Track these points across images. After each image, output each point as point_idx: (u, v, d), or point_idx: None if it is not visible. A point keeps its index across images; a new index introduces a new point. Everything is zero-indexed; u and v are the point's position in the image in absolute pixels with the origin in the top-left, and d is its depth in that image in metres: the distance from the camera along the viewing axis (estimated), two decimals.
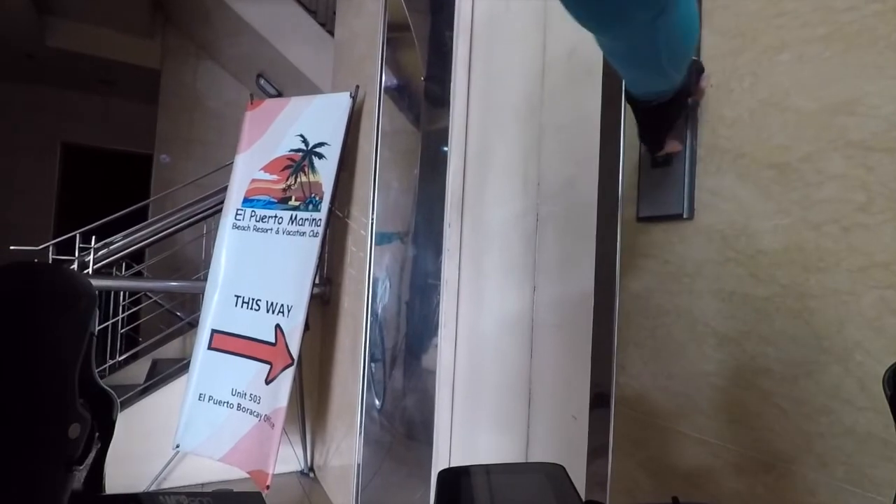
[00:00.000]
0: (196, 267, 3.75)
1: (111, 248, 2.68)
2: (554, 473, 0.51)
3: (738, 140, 0.71)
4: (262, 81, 4.43)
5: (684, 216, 0.76)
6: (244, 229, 2.30)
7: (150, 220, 3.03)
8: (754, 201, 0.68)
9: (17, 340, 0.36)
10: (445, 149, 1.63)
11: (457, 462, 1.57)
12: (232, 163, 2.43)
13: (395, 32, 2.18)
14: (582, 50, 1.18)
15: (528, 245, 1.34)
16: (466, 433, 1.54)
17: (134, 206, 3.09)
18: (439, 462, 1.59)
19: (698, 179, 0.75)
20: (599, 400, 0.94)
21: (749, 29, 0.70)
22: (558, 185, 1.24)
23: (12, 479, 0.35)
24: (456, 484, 0.49)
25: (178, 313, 3.57)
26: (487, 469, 0.62)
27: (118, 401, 0.44)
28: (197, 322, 2.35)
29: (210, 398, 2.18)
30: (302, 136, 2.30)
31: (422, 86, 2.10)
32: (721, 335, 0.71)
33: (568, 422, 1.17)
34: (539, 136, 1.32)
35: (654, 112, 0.66)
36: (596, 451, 0.95)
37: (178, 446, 2.14)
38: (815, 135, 0.62)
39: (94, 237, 2.59)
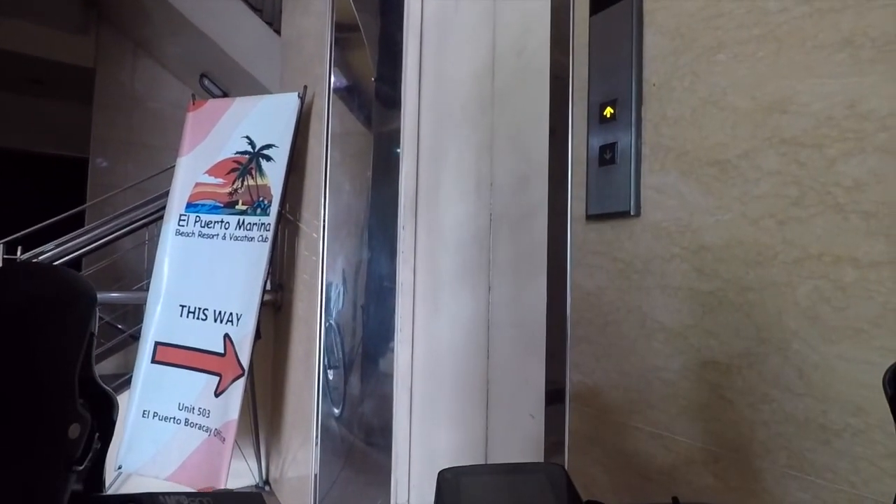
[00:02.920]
0: (138, 276, 3.55)
1: (42, 258, 2.49)
2: (554, 474, 0.51)
3: (680, 138, 0.72)
4: (206, 82, 4.26)
5: (631, 213, 0.77)
6: (188, 235, 2.19)
7: (86, 227, 2.84)
8: (697, 198, 0.69)
9: (17, 341, 0.36)
10: (398, 150, 1.60)
11: (416, 467, 1.55)
12: (174, 166, 2.32)
13: (344, 32, 2.14)
14: (531, 49, 1.18)
15: (483, 245, 1.34)
16: (425, 436, 1.53)
17: (68, 213, 2.89)
18: (398, 467, 1.57)
19: (643, 177, 0.77)
20: (554, 398, 0.94)
21: (688, 29, 0.72)
22: (511, 185, 1.24)
23: (13, 479, 0.35)
24: (456, 484, 0.49)
25: (120, 325, 3.37)
26: (488, 469, 0.60)
27: (118, 401, 0.44)
28: (139, 334, 2.22)
29: (155, 414, 2.06)
30: (248, 137, 2.21)
31: (372, 86, 2.06)
32: (669, 330, 0.72)
33: (525, 420, 1.18)
34: (491, 135, 1.33)
35: None
36: (552, 448, 0.95)
37: (120, 467, 2.01)
38: (751, 132, 0.64)
39: (20, 247, 2.41)
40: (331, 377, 2.09)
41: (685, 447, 0.69)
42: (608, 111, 0.81)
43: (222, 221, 2.15)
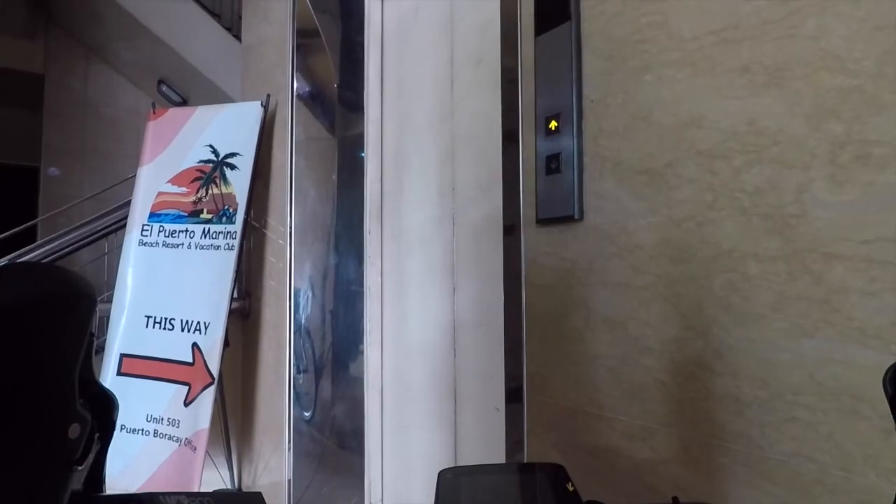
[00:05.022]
0: (98, 288, 3.46)
1: None
2: (554, 473, 0.52)
3: (615, 149, 0.81)
4: (164, 88, 4.18)
5: (576, 217, 0.86)
6: (152, 245, 2.18)
7: (40, 241, 2.76)
8: (630, 203, 0.78)
9: (18, 341, 0.36)
10: (362, 155, 1.64)
11: (389, 466, 1.60)
12: (134, 175, 2.30)
13: (305, 38, 2.16)
14: (487, 61, 1.25)
15: (447, 248, 1.39)
16: (397, 437, 1.57)
17: (24, 225, 2.81)
18: (371, 468, 1.61)
19: (585, 184, 0.85)
20: (514, 390, 1.01)
21: (619, 52, 0.80)
22: (471, 190, 1.31)
23: (13, 479, 0.36)
24: (456, 484, 0.49)
25: None
26: (487, 469, 0.63)
27: (118, 401, 0.44)
28: (102, 347, 2.19)
29: (122, 427, 2.04)
30: (211, 146, 2.22)
31: (335, 92, 2.09)
32: (610, 321, 0.81)
33: (492, 414, 1.24)
34: (452, 142, 1.38)
35: None
36: (514, 436, 1.02)
37: None
38: (673, 145, 0.73)
39: None
40: (301, 382, 2.12)
41: (626, 425, 0.78)
42: (553, 124, 0.89)
43: (187, 230, 2.15)
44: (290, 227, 2.06)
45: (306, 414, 2.12)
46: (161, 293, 2.13)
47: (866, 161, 0.56)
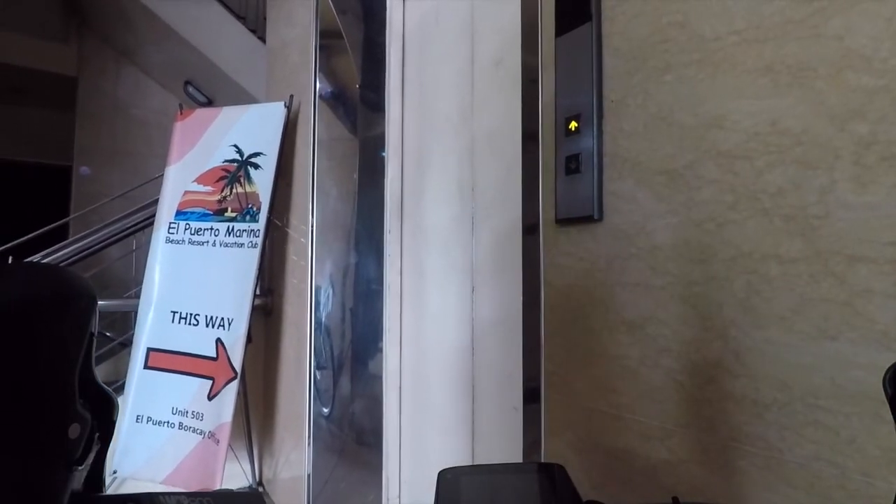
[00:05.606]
0: (125, 284, 3.57)
1: None
2: (554, 473, 0.53)
3: (634, 150, 0.81)
4: (190, 89, 4.28)
5: (595, 217, 0.86)
6: (178, 243, 2.24)
7: (72, 238, 2.86)
8: (650, 203, 0.78)
9: (18, 340, 0.36)
10: (383, 154, 1.67)
11: (407, 463, 1.62)
12: (163, 174, 2.36)
13: (328, 39, 2.19)
14: (507, 62, 1.26)
15: (466, 248, 1.40)
16: (415, 434, 1.58)
17: (58, 222, 2.91)
18: (389, 465, 1.63)
19: (605, 185, 0.85)
20: (532, 389, 1.02)
21: (640, 52, 0.80)
22: (491, 189, 1.31)
23: (13, 478, 0.36)
24: (456, 484, 0.50)
25: (108, 333, 3.38)
26: (487, 469, 0.63)
27: (118, 401, 0.44)
28: (129, 342, 2.26)
29: (149, 419, 2.11)
30: (236, 146, 2.27)
31: (357, 93, 2.12)
32: (629, 322, 0.81)
33: (510, 413, 1.25)
34: (472, 142, 1.39)
35: None
36: (531, 435, 1.03)
37: (115, 472, 2.05)
38: (694, 145, 0.73)
39: (10, 258, 2.43)
40: (321, 379, 2.15)
41: (643, 426, 0.77)
42: (573, 124, 0.89)
43: (212, 228, 2.20)
44: (312, 226, 2.09)
45: (325, 410, 2.15)
46: (187, 289, 2.18)
47: (893, 162, 0.55)
